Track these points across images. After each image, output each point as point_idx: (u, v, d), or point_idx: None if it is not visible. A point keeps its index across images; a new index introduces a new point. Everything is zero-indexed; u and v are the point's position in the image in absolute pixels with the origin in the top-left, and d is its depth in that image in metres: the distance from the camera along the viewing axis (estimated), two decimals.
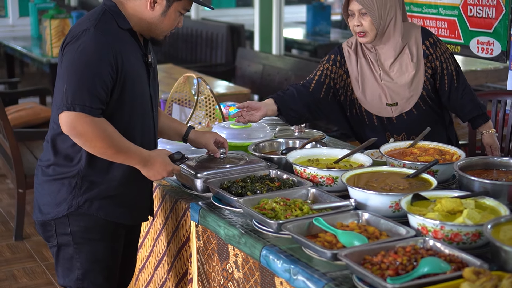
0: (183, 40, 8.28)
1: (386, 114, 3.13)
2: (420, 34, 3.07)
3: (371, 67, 3.10)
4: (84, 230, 2.44)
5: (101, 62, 2.28)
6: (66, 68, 2.29)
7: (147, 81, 2.50)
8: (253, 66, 6.93)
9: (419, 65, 3.06)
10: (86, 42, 2.29)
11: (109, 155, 2.33)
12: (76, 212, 2.41)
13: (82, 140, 2.28)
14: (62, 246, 2.46)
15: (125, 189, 2.46)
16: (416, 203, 2.19)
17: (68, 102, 2.25)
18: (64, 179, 2.40)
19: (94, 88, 2.26)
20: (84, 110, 2.25)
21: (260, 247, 2.16)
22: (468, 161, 2.53)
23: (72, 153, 2.39)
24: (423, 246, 1.94)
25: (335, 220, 2.15)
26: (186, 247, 2.69)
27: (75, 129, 2.26)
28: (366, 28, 2.99)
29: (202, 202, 2.55)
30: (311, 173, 2.52)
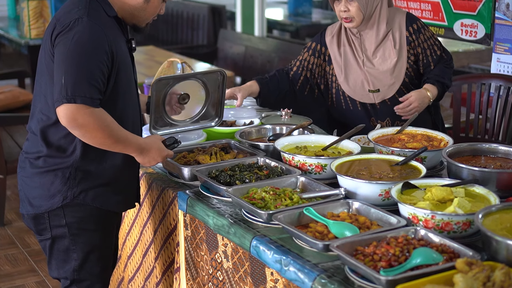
0: (164, 21, 8.19)
1: (369, 101, 3.12)
2: (405, 20, 3.06)
3: (355, 53, 3.09)
4: (80, 221, 2.41)
5: (98, 51, 2.24)
6: (62, 60, 2.23)
7: (131, 68, 2.46)
8: (235, 48, 6.88)
9: (401, 52, 3.05)
10: (80, 31, 2.24)
11: (107, 145, 2.30)
12: (71, 203, 2.37)
13: (82, 132, 2.24)
14: (57, 239, 2.43)
15: (118, 176, 2.44)
16: (406, 192, 2.18)
17: (68, 94, 2.19)
18: (57, 170, 2.35)
19: (93, 78, 2.22)
20: (85, 102, 2.20)
21: (250, 237, 2.14)
22: (456, 147, 2.53)
23: (65, 144, 2.35)
24: (415, 236, 1.94)
25: (325, 210, 2.14)
26: (173, 236, 2.67)
27: (76, 121, 2.21)
28: (353, 14, 2.97)
29: (190, 191, 2.52)
30: (300, 161, 2.50)
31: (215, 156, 2.65)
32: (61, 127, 2.30)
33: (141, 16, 2.43)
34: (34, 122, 2.40)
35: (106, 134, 2.26)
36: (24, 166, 2.44)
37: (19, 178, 2.48)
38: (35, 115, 2.40)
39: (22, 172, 2.45)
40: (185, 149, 2.73)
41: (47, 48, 2.34)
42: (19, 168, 2.48)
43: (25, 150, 2.46)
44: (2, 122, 4.79)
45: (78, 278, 2.46)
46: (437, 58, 3.08)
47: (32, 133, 2.42)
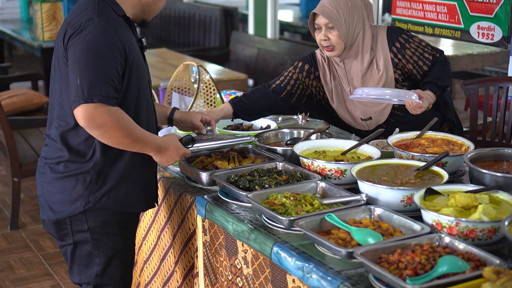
0: (175, 23, 8.19)
1: (362, 128, 3.12)
2: (386, 40, 2.99)
3: (341, 84, 3.06)
4: (102, 225, 2.40)
5: (111, 50, 2.23)
6: (76, 61, 2.22)
7: (144, 67, 2.46)
8: (247, 50, 6.86)
9: (387, 75, 2.99)
10: (93, 31, 2.23)
11: (126, 145, 2.29)
12: (93, 207, 2.36)
13: (101, 131, 2.22)
14: (79, 244, 2.42)
15: (138, 176, 2.43)
16: (429, 198, 2.16)
17: (85, 94, 2.18)
18: (78, 175, 2.34)
19: (109, 77, 2.21)
20: (102, 101, 2.19)
21: (271, 243, 2.12)
22: (478, 153, 2.50)
23: (85, 148, 2.34)
24: (439, 244, 1.91)
25: (347, 216, 2.12)
26: (192, 240, 2.65)
27: (94, 121, 2.19)
28: (333, 42, 2.92)
29: (208, 196, 2.50)
30: (319, 166, 2.48)
31: (233, 160, 2.64)
32: (80, 131, 2.29)
33: (152, 10, 2.44)
34: (52, 129, 2.39)
35: (124, 133, 2.25)
36: (44, 171, 2.43)
37: (39, 183, 2.47)
38: (53, 122, 2.39)
39: (42, 178, 2.44)
40: (202, 154, 2.71)
41: (60, 53, 2.32)
42: (39, 173, 2.47)
43: (44, 156, 2.45)
44: (17, 125, 4.80)
45: (101, 283, 2.45)
46: (431, 62, 3.03)
47: (51, 139, 2.41)
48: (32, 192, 5.06)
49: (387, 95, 2.81)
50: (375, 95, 2.81)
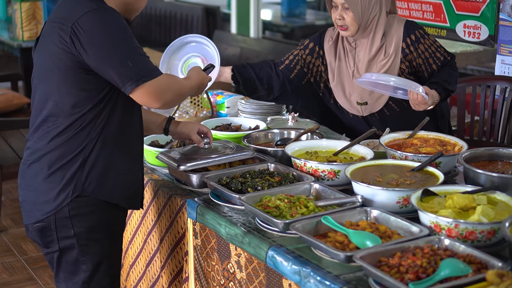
0: (157, 23, 8.10)
1: (356, 113, 3.09)
2: (402, 31, 2.97)
3: (346, 63, 3.04)
4: (89, 231, 2.33)
5: (126, 29, 2.21)
6: (108, 51, 2.16)
7: None
8: (230, 50, 6.80)
9: (394, 64, 2.97)
10: (105, 19, 2.19)
11: (176, 102, 2.43)
12: (79, 212, 2.29)
13: (169, 105, 2.33)
14: (65, 250, 2.34)
15: (125, 172, 2.37)
16: (426, 199, 2.12)
17: (133, 78, 2.17)
18: (64, 165, 2.27)
19: (140, 52, 2.22)
20: (153, 75, 2.21)
21: (265, 247, 2.07)
22: (473, 152, 2.47)
23: (74, 142, 2.27)
24: (439, 246, 1.87)
25: (343, 218, 2.07)
26: (181, 244, 2.59)
27: (160, 100, 2.24)
28: (347, 23, 2.92)
29: (199, 198, 2.45)
30: (312, 167, 2.43)
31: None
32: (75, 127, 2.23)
33: (134, 9, 2.38)
34: (39, 132, 2.30)
35: (181, 93, 2.35)
36: (26, 174, 2.34)
37: (22, 188, 2.38)
38: (40, 125, 2.30)
39: (25, 180, 2.35)
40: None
41: (56, 52, 2.22)
42: (21, 178, 2.37)
43: (26, 158, 2.36)
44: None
45: None
46: (441, 63, 3.00)
47: (34, 140, 2.32)
48: (13, 195, 4.96)
49: (393, 82, 2.78)
50: (382, 80, 2.79)
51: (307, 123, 3.09)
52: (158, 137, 2.90)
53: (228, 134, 2.92)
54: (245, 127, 3.09)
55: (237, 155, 2.55)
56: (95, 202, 2.32)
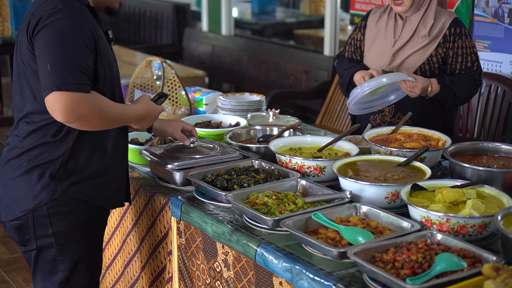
0: (125, 20, 8.00)
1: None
2: (450, 21, 2.98)
3: (394, 30, 3.01)
4: (68, 230, 2.26)
5: (81, 37, 2.12)
6: (45, 50, 2.09)
7: (114, 58, 2.35)
8: (201, 47, 6.74)
9: (431, 43, 2.96)
10: (59, 19, 2.11)
11: (106, 126, 2.23)
12: (58, 210, 2.23)
13: (81, 122, 2.12)
14: (43, 249, 2.28)
15: (108, 168, 2.31)
16: (415, 194, 2.11)
17: (57, 81, 2.06)
18: (45, 164, 2.21)
19: (81, 64, 2.10)
20: (77, 89, 2.07)
21: (255, 245, 2.03)
22: (458, 147, 2.47)
23: (55, 138, 2.20)
24: (432, 241, 1.86)
25: (332, 215, 2.05)
26: (163, 244, 2.54)
27: (73, 112, 2.07)
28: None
29: (183, 196, 2.40)
30: (297, 163, 2.40)
31: None
32: (54, 123, 2.16)
33: None
34: (19, 128, 2.24)
35: (104, 117, 2.17)
36: (5, 170, 2.28)
37: (0, 186, 2.31)
38: (20, 122, 2.25)
39: (4, 176, 2.29)
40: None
41: (24, 47, 2.18)
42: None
43: (5, 154, 2.30)
44: None
45: None
46: (466, 68, 2.98)
47: (14, 136, 2.26)
48: None
49: (386, 79, 2.77)
50: (372, 86, 2.78)
51: (288, 119, 3.06)
52: (138, 135, 2.84)
53: (210, 131, 2.87)
54: (225, 124, 3.05)
55: (223, 156, 2.51)
56: (75, 202, 2.26)
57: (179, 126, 2.58)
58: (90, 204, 2.29)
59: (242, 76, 6.18)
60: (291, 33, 7.72)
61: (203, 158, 2.49)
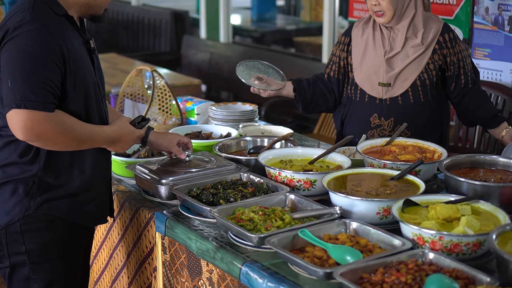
0: (124, 27, 7.94)
1: (376, 94, 2.91)
2: (441, 27, 2.90)
3: (382, 41, 2.92)
4: (43, 248, 2.18)
5: (46, 53, 2.03)
6: (8, 65, 2.02)
7: (92, 70, 2.25)
8: (200, 55, 6.68)
9: (426, 50, 2.87)
10: (25, 33, 2.03)
11: (74, 147, 2.13)
12: (31, 227, 2.14)
13: (43, 141, 2.03)
14: (16, 267, 2.19)
15: (87, 185, 2.23)
16: (407, 209, 2.02)
17: (17, 99, 1.98)
18: (19, 180, 2.13)
19: (43, 81, 2.01)
20: (37, 107, 1.98)
21: (239, 263, 1.94)
22: (454, 159, 2.38)
23: (28, 153, 2.12)
24: (423, 260, 1.77)
25: (321, 231, 1.96)
26: (149, 259, 2.45)
27: (33, 131, 1.99)
28: (383, 8, 2.83)
29: (168, 211, 2.31)
30: (287, 177, 2.32)
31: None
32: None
33: (98, 5, 2.23)
34: None
35: (70, 137, 2.07)
36: None
37: None
38: None
39: None
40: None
41: None
42: None
43: None
44: None
45: None
46: (470, 74, 2.91)
47: None
48: None
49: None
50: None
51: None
52: None
53: (199, 142, 2.79)
54: (216, 135, 2.97)
55: (219, 169, 2.43)
56: (49, 218, 2.17)
57: (175, 139, 2.49)
58: (67, 221, 2.20)
59: (240, 84, 6.08)
60: (291, 40, 7.65)
61: (198, 171, 2.41)
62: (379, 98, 2.90)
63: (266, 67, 3.03)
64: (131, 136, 2.28)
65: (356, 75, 2.96)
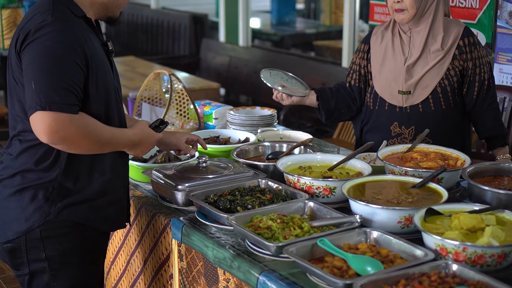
0: (143, 31, 7.94)
1: (396, 103, 2.84)
2: (462, 30, 2.82)
3: (401, 47, 2.84)
4: (62, 254, 2.16)
5: (69, 53, 2.01)
6: (30, 67, 1.99)
7: (111, 72, 2.23)
8: (218, 58, 6.65)
9: (446, 56, 2.80)
10: (48, 34, 2.00)
11: (96, 150, 2.11)
12: (52, 233, 2.12)
13: (67, 144, 2.01)
14: (36, 274, 2.17)
15: (107, 189, 2.20)
16: (430, 219, 1.96)
17: (42, 100, 1.95)
18: (38, 186, 2.11)
19: (68, 82, 1.99)
20: (62, 109, 1.96)
21: (257, 272, 1.90)
22: (477, 167, 2.32)
23: (48, 158, 2.10)
24: (447, 272, 1.71)
25: (340, 241, 1.91)
26: (165, 266, 2.42)
27: (57, 134, 1.96)
28: (406, 5, 2.74)
29: (185, 218, 2.28)
30: (306, 183, 2.27)
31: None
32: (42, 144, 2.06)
33: (115, 6, 2.22)
34: (13, 146, 2.15)
35: (92, 140, 2.05)
36: None
37: None
38: (13, 139, 2.16)
39: None
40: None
41: (13, 63, 2.08)
42: None
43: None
44: None
45: None
46: (484, 82, 2.83)
47: (7, 154, 2.17)
48: None
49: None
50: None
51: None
52: None
53: (217, 148, 2.75)
54: (234, 140, 2.93)
55: (236, 175, 2.38)
56: (70, 224, 2.15)
57: (183, 137, 2.48)
58: (87, 227, 2.18)
59: (259, 87, 6.06)
60: (310, 44, 7.60)
61: (215, 177, 2.37)
62: (399, 106, 2.84)
63: (290, 77, 2.97)
64: (151, 140, 2.26)
65: (376, 83, 2.90)
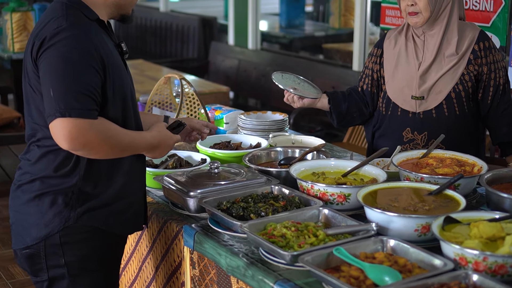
0: (152, 33, 7.92)
1: (409, 108, 2.80)
2: (477, 35, 2.77)
3: (415, 52, 2.79)
4: (81, 260, 2.14)
5: (86, 59, 1.99)
6: (48, 74, 1.98)
7: (126, 74, 2.21)
8: (227, 61, 6.62)
9: (461, 61, 2.74)
10: (64, 40, 1.99)
11: (116, 155, 2.10)
12: (72, 239, 2.10)
13: (87, 150, 2.00)
14: (55, 280, 2.15)
15: (125, 193, 2.19)
16: (448, 227, 1.92)
17: (61, 107, 1.93)
18: (58, 191, 2.09)
19: (86, 88, 1.97)
20: (82, 115, 1.94)
21: (271, 281, 1.86)
22: (495, 173, 2.28)
23: (67, 163, 2.08)
24: (467, 283, 1.67)
25: (357, 249, 1.87)
26: (177, 274, 2.39)
27: (77, 140, 1.95)
28: (420, 7, 2.69)
29: (197, 225, 2.24)
30: (320, 190, 2.23)
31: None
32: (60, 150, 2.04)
33: (127, 3, 2.20)
34: (31, 152, 2.14)
35: (112, 145, 2.04)
36: (16, 195, 2.17)
37: (12, 211, 2.21)
38: (31, 145, 2.14)
39: (15, 202, 2.18)
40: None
41: (30, 70, 2.07)
42: (11, 199, 2.21)
43: (17, 179, 2.18)
44: None
45: None
46: (499, 87, 2.77)
47: (26, 160, 2.15)
48: (2, 214, 4.74)
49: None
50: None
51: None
52: None
53: (228, 153, 2.72)
54: (245, 145, 2.90)
55: (249, 182, 2.35)
56: (89, 230, 2.13)
57: (194, 120, 2.57)
58: (106, 232, 2.16)
59: (268, 91, 6.03)
60: (320, 47, 7.56)
61: (228, 184, 2.34)
62: (412, 112, 2.79)
63: (302, 80, 2.94)
64: (169, 142, 2.25)
65: (388, 88, 2.86)
